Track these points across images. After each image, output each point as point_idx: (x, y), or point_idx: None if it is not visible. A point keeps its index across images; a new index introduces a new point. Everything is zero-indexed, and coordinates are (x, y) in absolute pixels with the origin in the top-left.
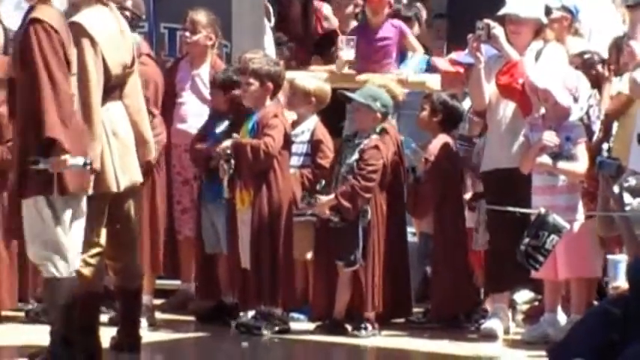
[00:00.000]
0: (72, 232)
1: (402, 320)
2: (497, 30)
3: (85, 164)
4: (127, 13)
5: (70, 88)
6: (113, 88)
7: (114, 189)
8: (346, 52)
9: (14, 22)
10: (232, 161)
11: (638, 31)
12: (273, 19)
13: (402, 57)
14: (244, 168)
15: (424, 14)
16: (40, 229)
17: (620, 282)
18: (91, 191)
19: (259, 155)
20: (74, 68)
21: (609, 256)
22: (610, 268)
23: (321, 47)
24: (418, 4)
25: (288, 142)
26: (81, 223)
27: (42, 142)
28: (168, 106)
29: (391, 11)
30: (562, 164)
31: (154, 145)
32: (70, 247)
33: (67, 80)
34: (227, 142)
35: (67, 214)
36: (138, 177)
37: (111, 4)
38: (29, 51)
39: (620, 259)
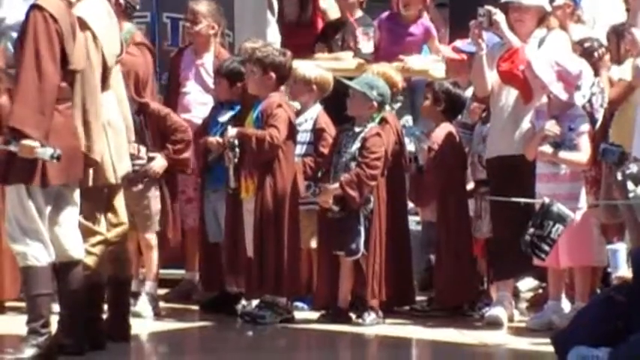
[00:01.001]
0: (61, 223)
1: (406, 308)
2: (499, 16)
3: (52, 156)
4: (122, 1)
5: (58, 79)
6: (106, 78)
7: (112, 180)
8: (365, 45)
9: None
10: (237, 150)
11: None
12: (276, 14)
13: None
14: (249, 158)
15: None
16: (21, 216)
17: (622, 271)
18: (89, 184)
19: (264, 146)
20: (75, 63)
21: (608, 246)
22: (610, 258)
23: (326, 35)
24: None
25: (292, 131)
26: (71, 214)
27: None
28: (172, 96)
29: (424, 7)
30: (563, 154)
31: (133, 132)
32: (48, 237)
33: (56, 70)
34: (232, 132)
35: (49, 205)
36: (129, 166)
37: None
38: (23, 35)
39: (618, 248)
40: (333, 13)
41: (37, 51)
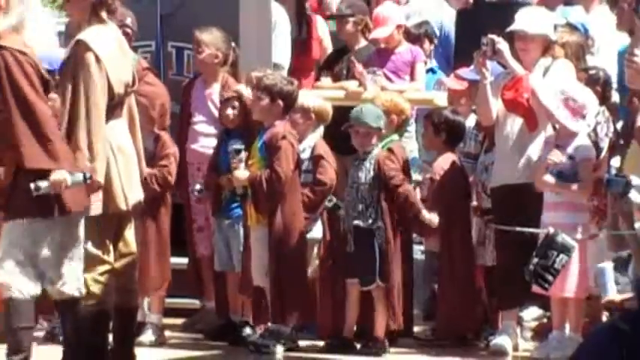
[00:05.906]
0: (63, 259)
1: (410, 338)
2: (502, 45)
3: (85, 178)
4: (129, 31)
5: (47, 107)
6: (116, 106)
7: (123, 207)
8: (371, 87)
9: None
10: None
11: None
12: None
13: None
14: (259, 196)
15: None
16: (18, 247)
17: (612, 293)
18: (100, 211)
19: (272, 185)
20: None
21: (596, 265)
22: (597, 278)
23: (330, 64)
24: (432, 22)
25: (297, 162)
26: (75, 249)
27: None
28: (184, 126)
29: (402, 31)
30: (563, 183)
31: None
32: (35, 270)
33: (42, 99)
34: (242, 175)
35: (48, 237)
36: (141, 194)
37: (110, 22)
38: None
39: (606, 267)
40: (328, 42)
41: (17, 90)
